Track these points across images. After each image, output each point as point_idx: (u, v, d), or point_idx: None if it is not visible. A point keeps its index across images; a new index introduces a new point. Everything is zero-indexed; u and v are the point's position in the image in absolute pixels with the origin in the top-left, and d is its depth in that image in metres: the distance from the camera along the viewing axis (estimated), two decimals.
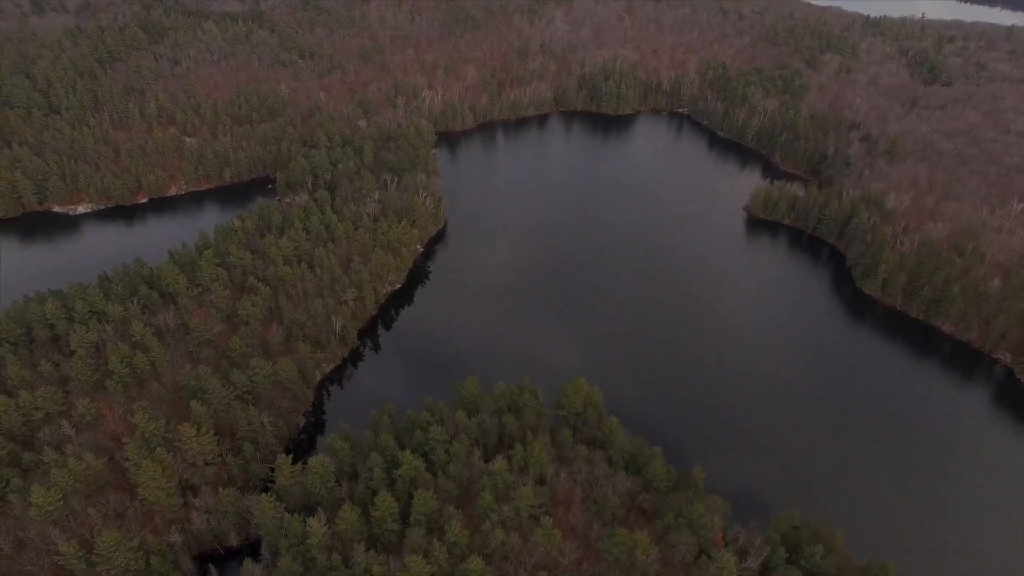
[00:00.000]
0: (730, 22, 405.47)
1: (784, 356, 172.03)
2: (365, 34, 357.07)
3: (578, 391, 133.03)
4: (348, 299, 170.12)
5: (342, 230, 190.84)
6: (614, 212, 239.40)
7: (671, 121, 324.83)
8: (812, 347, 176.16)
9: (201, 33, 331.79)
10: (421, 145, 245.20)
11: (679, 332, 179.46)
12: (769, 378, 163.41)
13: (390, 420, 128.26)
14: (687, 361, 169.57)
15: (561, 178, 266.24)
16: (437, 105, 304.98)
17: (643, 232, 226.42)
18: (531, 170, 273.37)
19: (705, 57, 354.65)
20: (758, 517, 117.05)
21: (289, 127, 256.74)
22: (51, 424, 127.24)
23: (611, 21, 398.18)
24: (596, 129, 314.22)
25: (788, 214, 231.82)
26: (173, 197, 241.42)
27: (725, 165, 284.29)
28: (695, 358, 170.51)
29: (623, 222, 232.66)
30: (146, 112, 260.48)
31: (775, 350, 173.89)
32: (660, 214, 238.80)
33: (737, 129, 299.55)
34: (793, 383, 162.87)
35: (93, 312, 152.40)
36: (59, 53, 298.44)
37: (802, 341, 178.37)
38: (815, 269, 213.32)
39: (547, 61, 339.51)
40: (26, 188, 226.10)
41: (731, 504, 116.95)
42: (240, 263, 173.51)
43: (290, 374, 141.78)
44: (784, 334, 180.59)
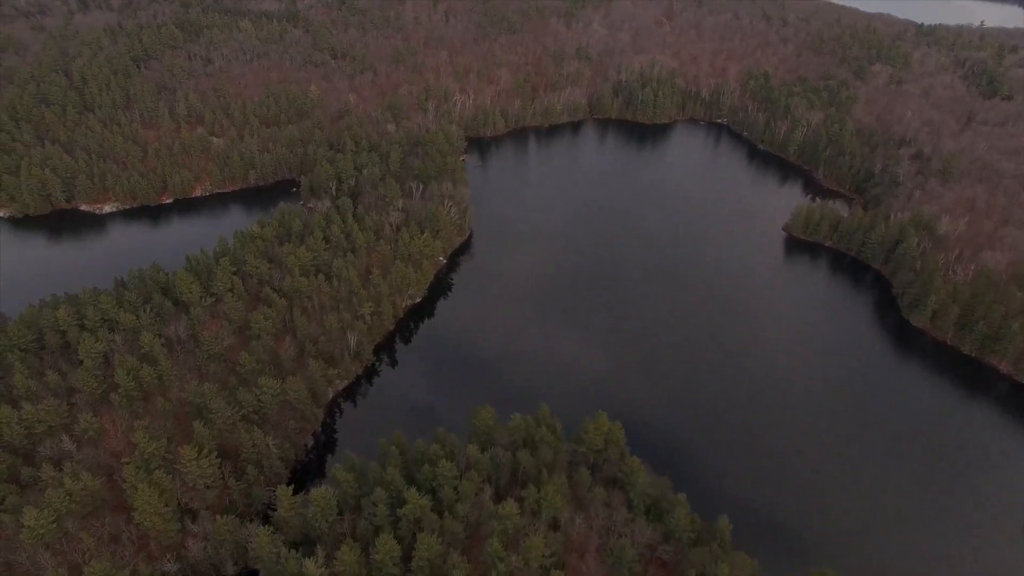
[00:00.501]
0: (773, 29, 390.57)
1: (822, 389, 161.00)
2: (399, 35, 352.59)
3: (599, 427, 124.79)
4: (365, 314, 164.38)
5: (363, 240, 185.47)
6: (646, 226, 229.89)
7: (709, 132, 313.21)
8: (853, 381, 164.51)
9: (237, 32, 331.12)
10: (449, 152, 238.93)
11: (710, 357, 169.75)
12: (806, 414, 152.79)
13: (399, 450, 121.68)
14: (718, 389, 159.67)
15: (593, 188, 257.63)
16: (468, 110, 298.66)
17: (676, 249, 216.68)
18: (562, 179, 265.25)
19: (746, 65, 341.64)
20: (789, 568, 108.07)
21: (316, 129, 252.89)
22: (53, 437, 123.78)
23: (650, 26, 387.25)
24: (631, 138, 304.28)
25: (830, 235, 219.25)
26: (198, 198, 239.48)
27: (764, 180, 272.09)
28: (726, 386, 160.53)
29: (655, 238, 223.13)
30: (175, 111, 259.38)
31: (813, 382, 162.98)
32: (695, 230, 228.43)
33: (778, 142, 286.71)
34: (831, 419, 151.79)
35: (105, 320, 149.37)
36: (96, 51, 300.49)
37: (842, 373, 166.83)
38: (858, 296, 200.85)
39: (582, 66, 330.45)
40: (55, 186, 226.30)
41: (760, 559, 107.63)
42: (256, 272, 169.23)
43: (299, 394, 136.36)
44: (823, 365, 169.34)
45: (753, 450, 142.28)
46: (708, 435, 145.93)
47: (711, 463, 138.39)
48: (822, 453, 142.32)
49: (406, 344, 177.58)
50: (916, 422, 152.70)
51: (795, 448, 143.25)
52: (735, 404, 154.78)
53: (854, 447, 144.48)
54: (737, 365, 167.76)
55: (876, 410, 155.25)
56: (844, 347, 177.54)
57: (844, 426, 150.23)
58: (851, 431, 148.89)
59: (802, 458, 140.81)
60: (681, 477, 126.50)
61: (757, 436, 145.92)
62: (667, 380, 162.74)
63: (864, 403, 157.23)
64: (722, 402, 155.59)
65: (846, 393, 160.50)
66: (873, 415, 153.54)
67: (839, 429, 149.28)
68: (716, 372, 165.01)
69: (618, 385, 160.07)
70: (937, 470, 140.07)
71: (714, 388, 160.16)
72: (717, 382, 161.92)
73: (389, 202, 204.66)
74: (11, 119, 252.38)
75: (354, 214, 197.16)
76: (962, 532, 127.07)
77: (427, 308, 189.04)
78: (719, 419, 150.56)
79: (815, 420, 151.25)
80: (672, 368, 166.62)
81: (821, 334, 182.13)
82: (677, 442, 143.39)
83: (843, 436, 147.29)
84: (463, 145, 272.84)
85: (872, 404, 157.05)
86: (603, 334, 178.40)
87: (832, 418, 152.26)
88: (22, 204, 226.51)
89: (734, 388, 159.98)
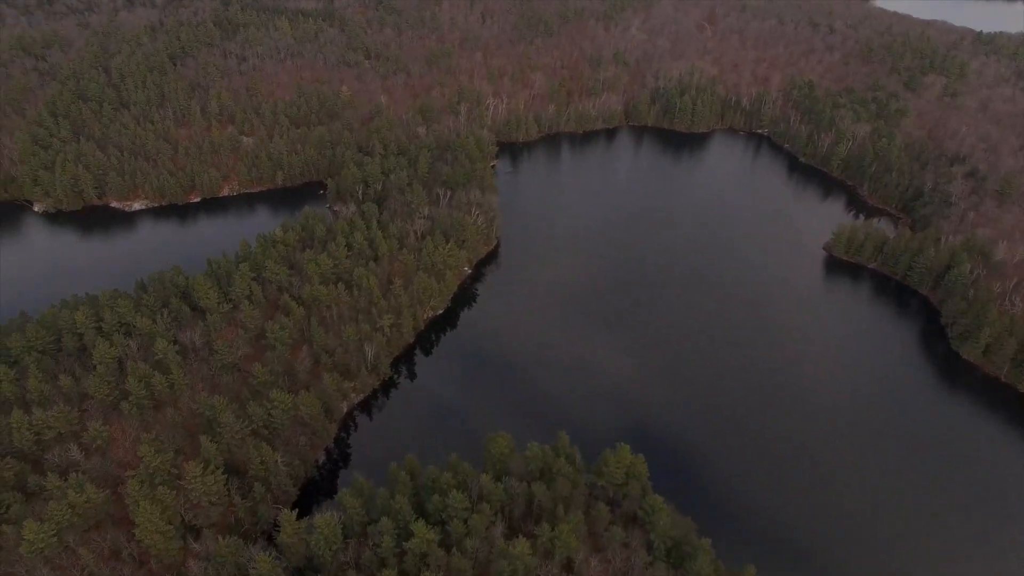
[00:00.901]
0: (820, 36, 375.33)
1: (863, 423, 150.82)
2: (434, 36, 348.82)
3: (621, 460, 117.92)
4: (384, 326, 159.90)
5: (385, 248, 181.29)
6: (680, 240, 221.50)
7: (749, 142, 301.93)
8: (896, 414, 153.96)
9: (273, 30, 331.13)
10: (479, 158, 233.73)
11: (744, 382, 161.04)
12: (846, 450, 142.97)
13: (410, 475, 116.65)
14: (750, 417, 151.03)
15: (626, 197, 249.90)
16: (501, 114, 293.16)
17: (710, 265, 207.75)
18: (595, 187, 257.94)
19: (790, 74, 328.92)
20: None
21: (346, 131, 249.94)
22: (62, 445, 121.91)
23: (691, 31, 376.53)
24: (667, 147, 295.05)
25: (874, 257, 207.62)
26: (225, 198, 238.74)
27: (805, 195, 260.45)
28: (759, 414, 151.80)
29: (689, 252, 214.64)
30: (207, 110, 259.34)
31: (853, 415, 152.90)
32: (731, 246, 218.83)
33: (821, 155, 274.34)
34: (874, 457, 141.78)
35: (122, 323, 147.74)
36: (136, 48, 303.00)
37: (885, 406, 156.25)
38: (902, 323, 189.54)
39: (620, 71, 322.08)
40: (87, 183, 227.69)
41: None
42: (276, 279, 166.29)
43: (311, 409, 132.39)
44: (864, 396, 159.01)
45: (787, 488, 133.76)
46: (737, 469, 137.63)
47: (740, 501, 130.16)
48: (864, 494, 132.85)
49: (427, 355, 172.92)
50: (965, 461, 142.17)
51: (833, 486, 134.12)
52: (768, 435, 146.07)
53: (898, 487, 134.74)
54: (772, 391, 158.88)
55: (922, 447, 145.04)
56: (887, 377, 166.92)
57: (887, 465, 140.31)
58: (894, 470, 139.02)
59: (841, 498, 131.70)
60: (706, 516, 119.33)
61: (792, 472, 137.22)
62: (696, 404, 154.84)
63: (908, 440, 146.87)
64: (754, 432, 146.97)
65: (888, 428, 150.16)
66: (918, 453, 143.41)
67: (882, 468, 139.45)
68: (749, 399, 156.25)
69: (644, 408, 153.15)
70: (989, 512, 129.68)
71: (746, 416, 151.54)
72: (749, 410, 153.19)
73: (415, 209, 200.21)
74: (51, 115, 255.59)
75: (379, 220, 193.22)
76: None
77: (449, 319, 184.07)
78: (750, 451, 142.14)
79: (856, 458, 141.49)
80: (703, 392, 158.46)
81: (862, 362, 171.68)
82: (704, 477, 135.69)
83: (886, 476, 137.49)
84: (494, 150, 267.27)
85: (918, 440, 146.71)
86: (631, 350, 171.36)
87: (875, 456, 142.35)
88: (56, 199, 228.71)
89: (768, 417, 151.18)
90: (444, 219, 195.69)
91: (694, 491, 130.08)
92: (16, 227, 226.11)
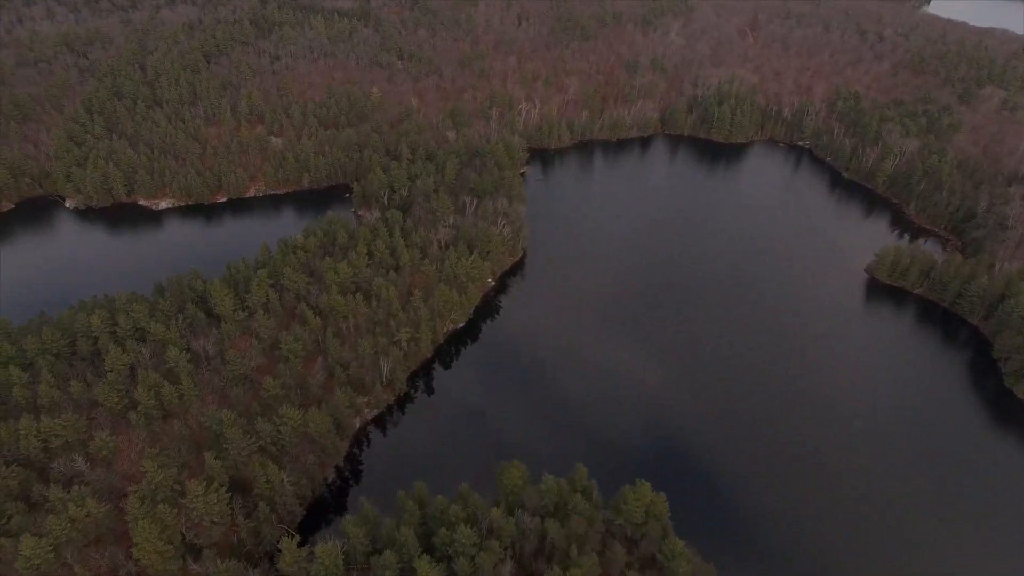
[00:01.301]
0: (868, 44, 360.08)
1: (904, 461, 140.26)
2: (468, 38, 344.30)
3: (640, 498, 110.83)
4: (402, 339, 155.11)
5: (407, 258, 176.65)
6: (713, 254, 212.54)
7: (789, 155, 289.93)
8: (941, 453, 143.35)
9: (308, 29, 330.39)
10: (508, 165, 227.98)
11: (775, 410, 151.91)
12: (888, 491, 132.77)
13: (418, 504, 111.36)
14: (782, 449, 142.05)
15: (659, 209, 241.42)
16: (533, 119, 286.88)
17: (744, 282, 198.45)
18: (627, 197, 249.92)
19: (835, 84, 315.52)
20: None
21: (374, 134, 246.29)
22: (68, 454, 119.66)
23: (732, 37, 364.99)
24: (703, 157, 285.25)
25: (920, 282, 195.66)
26: (251, 198, 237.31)
27: (847, 212, 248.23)
28: (793, 446, 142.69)
29: (722, 267, 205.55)
30: (238, 109, 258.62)
31: (895, 453, 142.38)
32: (767, 264, 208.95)
33: (866, 171, 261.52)
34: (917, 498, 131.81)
35: (136, 328, 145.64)
36: (172, 46, 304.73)
37: (928, 445, 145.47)
38: (949, 355, 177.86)
39: (657, 78, 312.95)
40: (117, 180, 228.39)
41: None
42: (294, 287, 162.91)
43: (321, 427, 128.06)
44: (906, 431, 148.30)
45: (822, 534, 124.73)
46: (767, 508, 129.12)
47: (769, 547, 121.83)
48: (909, 540, 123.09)
49: (446, 368, 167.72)
50: (1019, 506, 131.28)
51: (875, 533, 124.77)
52: (802, 471, 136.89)
53: (943, 533, 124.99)
54: (806, 422, 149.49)
55: (972, 489, 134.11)
56: (932, 412, 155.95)
57: (932, 507, 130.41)
58: (939, 513, 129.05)
59: (882, 546, 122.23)
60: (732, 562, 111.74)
61: (827, 516, 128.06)
62: (725, 433, 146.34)
63: (956, 482, 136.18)
64: (786, 467, 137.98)
65: (933, 469, 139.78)
66: (969, 494, 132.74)
67: (926, 511, 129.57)
68: (781, 429, 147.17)
69: (669, 436, 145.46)
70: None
71: (778, 448, 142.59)
72: (782, 442, 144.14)
73: (439, 217, 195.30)
74: (86, 111, 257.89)
75: (402, 228, 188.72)
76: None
77: (470, 332, 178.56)
78: (781, 488, 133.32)
79: (901, 500, 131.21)
80: (732, 420, 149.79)
81: (905, 394, 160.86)
82: (730, 517, 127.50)
83: (931, 520, 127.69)
84: (525, 157, 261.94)
85: (968, 481, 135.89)
86: (658, 371, 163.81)
87: (918, 498, 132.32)
88: (86, 196, 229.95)
89: (802, 450, 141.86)
90: (469, 229, 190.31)
91: (719, 533, 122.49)
92: (48, 223, 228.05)
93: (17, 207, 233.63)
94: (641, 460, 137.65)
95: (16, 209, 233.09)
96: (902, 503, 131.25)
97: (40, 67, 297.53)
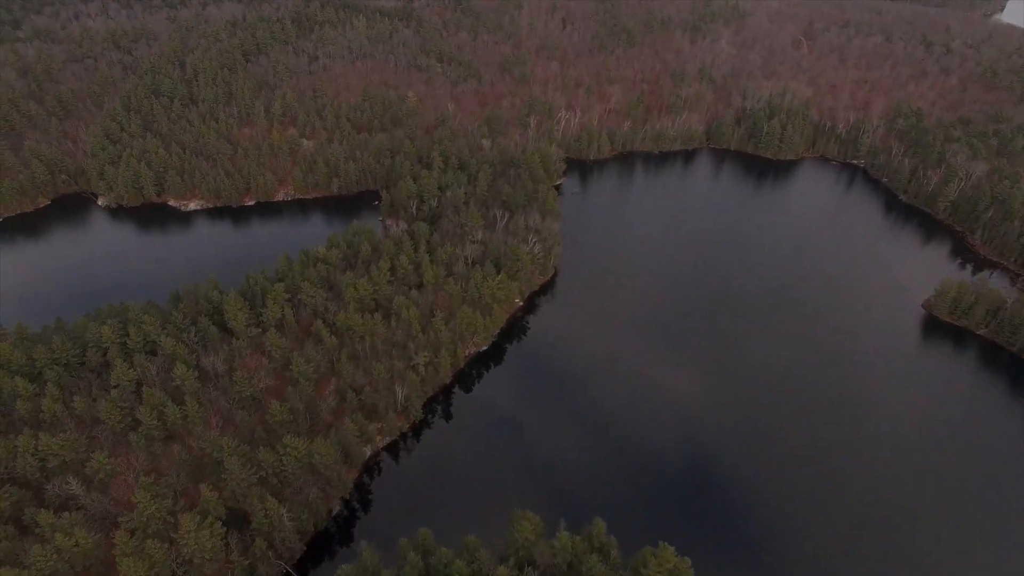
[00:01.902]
0: (933, 57, 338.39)
1: (962, 520, 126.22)
2: (510, 41, 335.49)
3: (662, 562, 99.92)
4: (419, 364, 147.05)
5: (431, 275, 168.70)
6: (756, 277, 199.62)
7: (841, 174, 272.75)
8: (1006, 517, 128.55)
9: (349, 28, 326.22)
10: (543, 178, 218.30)
11: (818, 457, 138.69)
12: (949, 551, 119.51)
13: (421, 554, 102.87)
14: (823, 505, 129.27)
15: (701, 228, 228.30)
16: (572, 128, 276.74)
17: (788, 312, 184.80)
18: (667, 214, 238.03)
19: (895, 99, 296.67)
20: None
21: (407, 140, 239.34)
22: (65, 474, 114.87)
23: (785, 46, 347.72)
24: (750, 173, 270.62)
25: (985, 322, 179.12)
26: (279, 202, 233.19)
27: (904, 238, 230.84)
28: (835, 503, 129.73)
29: (764, 292, 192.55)
30: (271, 110, 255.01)
31: (950, 511, 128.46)
32: (813, 291, 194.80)
33: (926, 195, 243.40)
34: (973, 557, 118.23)
35: (147, 341, 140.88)
36: (213, 43, 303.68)
37: (992, 505, 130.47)
38: (1017, 406, 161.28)
39: (704, 88, 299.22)
40: (148, 180, 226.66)
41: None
42: (311, 302, 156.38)
43: (327, 459, 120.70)
44: (965, 487, 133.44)
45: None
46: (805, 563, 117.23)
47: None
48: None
49: (467, 392, 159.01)
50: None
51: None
52: (847, 530, 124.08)
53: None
54: (852, 471, 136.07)
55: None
56: (996, 470, 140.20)
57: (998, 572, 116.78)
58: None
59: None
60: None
61: None
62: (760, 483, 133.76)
63: (1020, 548, 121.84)
64: (829, 526, 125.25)
65: (996, 533, 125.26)
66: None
67: None
68: (822, 482, 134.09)
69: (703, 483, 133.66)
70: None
71: (817, 502, 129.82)
72: (822, 498, 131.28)
73: (467, 232, 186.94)
74: (124, 109, 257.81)
75: (428, 242, 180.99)
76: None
77: (494, 356, 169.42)
78: (822, 552, 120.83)
79: (958, 558, 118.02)
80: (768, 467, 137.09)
81: (965, 446, 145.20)
82: None
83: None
84: (562, 168, 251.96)
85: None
86: (691, 407, 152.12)
87: (983, 559, 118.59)
88: (118, 194, 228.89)
89: (847, 506, 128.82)
90: (498, 246, 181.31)
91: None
92: (80, 220, 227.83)
93: (53, 203, 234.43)
94: (666, 513, 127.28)
95: (52, 205, 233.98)
96: (961, 558, 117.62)
97: (86, 63, 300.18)
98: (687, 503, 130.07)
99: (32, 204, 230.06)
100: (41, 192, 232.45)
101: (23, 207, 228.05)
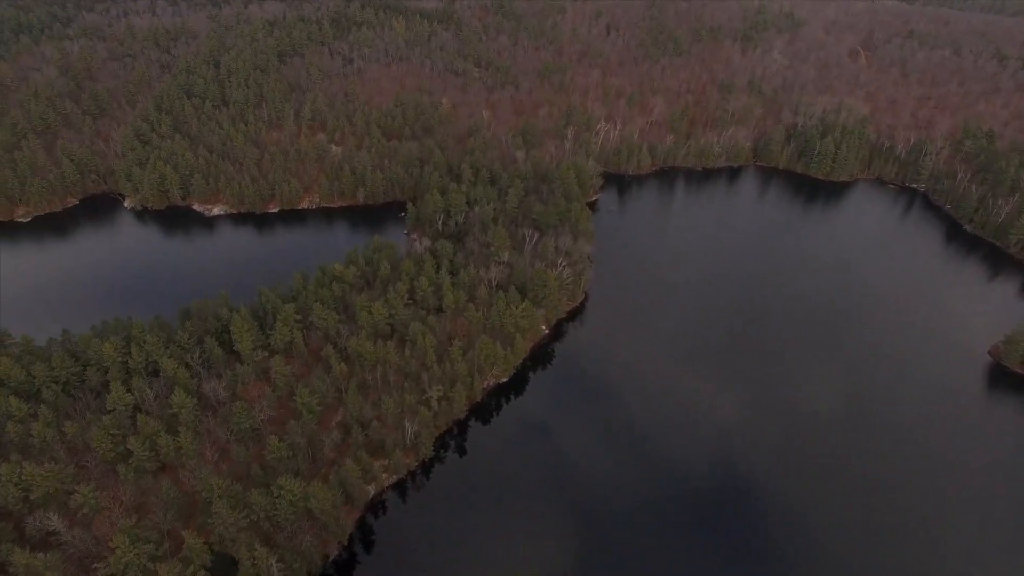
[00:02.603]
0: (1008, 72, 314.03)
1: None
2: (551, 47, 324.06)
3: None
4: (432, 398, 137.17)
5: (452, 299, 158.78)
6: (803, 307, 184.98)
7: (899, 198, 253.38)
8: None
9: (388, 30, 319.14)
10: (576, 196, 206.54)
11: (869, 526, 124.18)
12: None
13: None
14: (871, 549, 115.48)
15: (745, 250, 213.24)
16: (612, 141, 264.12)
17: (834, 349, 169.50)
18: (709, 235, 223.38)
19: (963, 118, 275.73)
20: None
21: (438, 149, 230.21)
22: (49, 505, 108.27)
23: (842, 59, 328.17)
24: (799, 195, 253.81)
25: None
26: (303, 210, 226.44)
27: (968, 273, 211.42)
28: (887, 553, 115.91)
29: (811, 325, 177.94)
30: (301, 114, 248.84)
31: None
32: (863, 328, 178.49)
33: (995, 225, 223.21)
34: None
35: (149, 361, 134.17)
36: (249, 43, 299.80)
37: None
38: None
39: (753, 102, 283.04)
40: (173, 182, 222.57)
41: None
42: (323, 324, 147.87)
43: (324, 504, 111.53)
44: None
45: None
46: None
47: None
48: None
49: (484, 424, 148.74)
50: None
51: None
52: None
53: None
54: (905, 525, 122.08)
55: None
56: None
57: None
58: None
59: None
60: None
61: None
62: (801, 551, 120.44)
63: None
64: None
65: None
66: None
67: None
68: (875, 524, 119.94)
69: (726, 547, 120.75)
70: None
71: (869, 547, 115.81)
72: (875, 542, 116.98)
73: (493, 253, 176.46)
74: (156, 109, 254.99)
75: (451, 263, 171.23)
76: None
77: (515, 387, 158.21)
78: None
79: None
80: (811, 531, 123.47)
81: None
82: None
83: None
84: (599, 183, 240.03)
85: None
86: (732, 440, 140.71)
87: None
88: (143, 196, 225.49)
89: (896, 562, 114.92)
90: (524, 270, 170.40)
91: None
92: (106, 221, 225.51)
93: (81, 203, 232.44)
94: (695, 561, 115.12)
95: (80, 205, 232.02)
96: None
97: (125, 62, 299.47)
98: (731, 559, 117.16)
99: (61, 204, 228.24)
100: (70, 192, 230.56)
101: (52, 206, 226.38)
